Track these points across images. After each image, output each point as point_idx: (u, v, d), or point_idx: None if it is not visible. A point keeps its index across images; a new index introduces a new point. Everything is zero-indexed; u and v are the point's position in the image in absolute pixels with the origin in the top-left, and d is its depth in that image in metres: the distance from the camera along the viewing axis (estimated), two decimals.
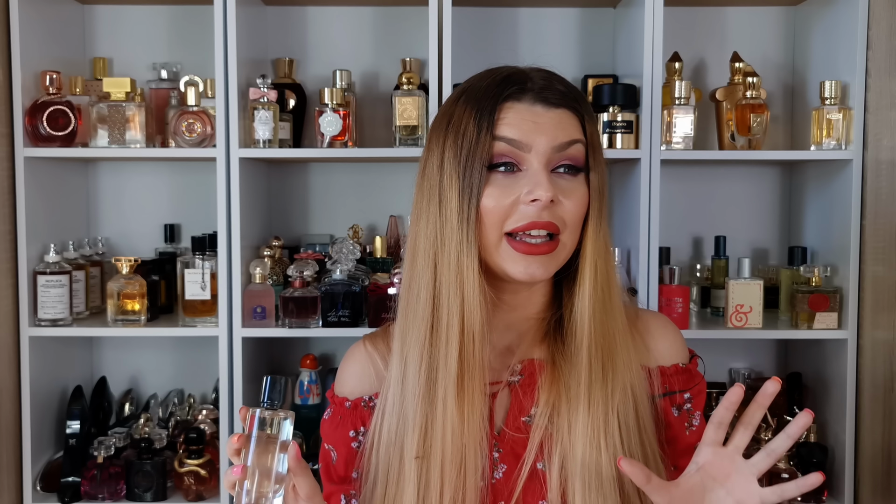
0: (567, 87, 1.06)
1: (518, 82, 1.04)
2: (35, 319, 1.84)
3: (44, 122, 1.81)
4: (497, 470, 1.04)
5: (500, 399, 1.06)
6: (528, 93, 1.03)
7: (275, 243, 1.98)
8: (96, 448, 1.83)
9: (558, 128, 1.01)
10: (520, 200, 0.99)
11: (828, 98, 1.84)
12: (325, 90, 1.85)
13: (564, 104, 1.03)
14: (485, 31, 2.12)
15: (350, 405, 1.12)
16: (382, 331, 1.17)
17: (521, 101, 1.02)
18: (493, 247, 1.00)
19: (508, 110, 1.02)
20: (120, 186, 2.14)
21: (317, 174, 2.15)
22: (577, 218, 1.01)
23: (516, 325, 1.09)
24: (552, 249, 1.00)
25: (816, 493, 1.86)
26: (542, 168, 0.99)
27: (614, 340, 1.04)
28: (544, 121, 1.01)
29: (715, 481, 0.95)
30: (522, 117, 1.01)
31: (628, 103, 1.85)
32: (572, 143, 1.02)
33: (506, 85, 1.03)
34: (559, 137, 1.01)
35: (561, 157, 1.01)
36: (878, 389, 1.81)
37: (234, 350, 1.83)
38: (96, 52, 2.11)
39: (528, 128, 1.00)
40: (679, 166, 2.09)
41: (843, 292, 1.85)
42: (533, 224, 0.98)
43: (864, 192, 1.82)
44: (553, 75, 1.07)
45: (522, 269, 0.99)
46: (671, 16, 1.90)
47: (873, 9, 1.79)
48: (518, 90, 1.03)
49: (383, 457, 1.05)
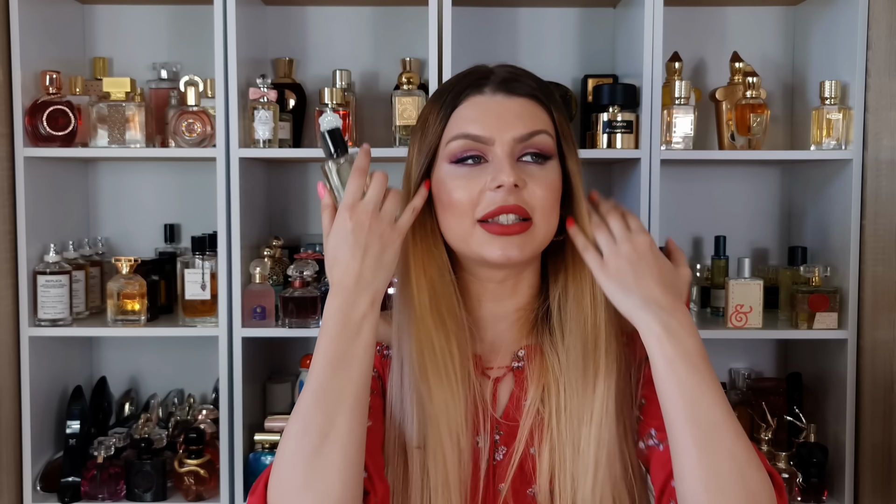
0: (533, 79, 1.08)
1: (480, 75, 1.07)
2: (35, 319, 1.84)
3: (44, 122, 1.81)
4: (498, 452, 1.06)
5: (503, 383, 1.08)
6: (490, 84, 1.06)
7: (275, 243, 1.98)
8: (96, 448, 1.83)
9: (520, 118, 1.04)
10: (486, 188, 1.01)
11: (828, 98, 1.84)
12: (325, 90, 1.85)
13: (527, 94, 1.05)
14: (485, 31, 2.12)
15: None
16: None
17: (482, 93, 1.05)
18: (468, 235, 1.03)
19: (471, 105, 1.05)
20: (120, 186, 2.14)
21: (317, 174, 2.15)
22: (547, 202, 1.03)
23: (506, 315, 1.10)
24: (525, 229, 1.01)
25: (816, 493, 1.86)
26: (505, 156, 1.02)
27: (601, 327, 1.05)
28: (506, 110, 1.04)
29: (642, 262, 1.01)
30: (485, 109, 1.04)
31: (628, 103, 1.85)
32: (536, 134, 1.04)
33: (468, 78, 1.07)
34: (520, 129, 1.03)
35: (525, 146, 1.03)
36: (878, 389, 1.80)
37: (234, 350, 1.83)
38: (96, 52, 2.11)
39: (490, 122, 1.03)
40: (679, 166, 2.09)
41: (843, 292, 1.85)
42: (501, 208, 1.00)
43: (864, 192, 1.82)
44: (519, 69, 1.10)
45: (499, 251, 1.01)
46: (671, 16, 1.90)
47: (873, 9, 1.79)
48: (480, 82, 1.06)
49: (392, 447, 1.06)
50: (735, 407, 2.03)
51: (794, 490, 1.84)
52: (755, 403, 1.97)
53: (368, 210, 0.98)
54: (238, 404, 1.84)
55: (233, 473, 1.84)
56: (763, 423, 1.90)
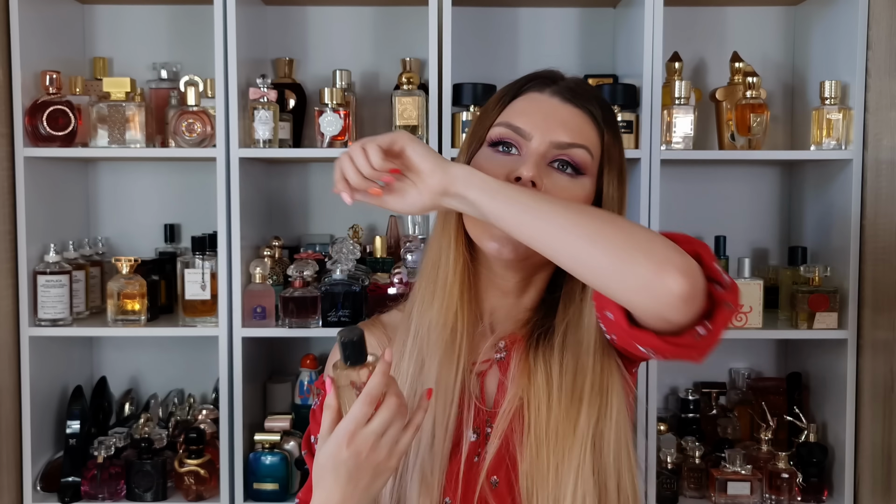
0: (598, 98, 1.08)
1: (547, 77, 1.09)
2: (35, 319, 1.84)
3: (44, 122, 1.81)
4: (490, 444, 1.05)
5: (489, 376, 1.09)
6: (552, 86, 1.07)
7: (275, 243, 1.98)
8: (96, 448, 1.83)
9: (566, 126, 1.04)
10: (507, 178, 1.01)
11: (828, 98, 1.84)
12: (325, 90, 1.85)
13: (582, 107, 1.05)
14: (485, 31, 2.12)
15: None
16: (376, 317, 1.20)
17: (542, 91, 1.07)
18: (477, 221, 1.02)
19: (527, 98, 1.07)
20: (120, 186, 2.14)
21: (317, 174, 2.15)
22: None
23: (507, 311, 1.11)
24: None
25: (816, 493, 1.86)
26: (535, 153, 1.02)
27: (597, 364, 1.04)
28: (556, 113, 1.04)
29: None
30: (537, 106, 1.05)
31: (628, 103, 1.85)
32: (575, 147, 1.03)
33: (534, 77, 1.09)
34: (563, 136, 1.03)
35: (560, 153, 1.03)
36: (878, 389, 1.80)
37: (234, 350, 1.83)
38: (96, 51, 2.11)
39: (536, 119, 1.04)
40: (679, 166, 2.09)
41: (843, 292, 1.85)
42: None
43: (864, 192, 1.82)
44: (589, 86, 1.10)
45: (493, 245, 1.02)
46: (671, 16, 1.90)
47: (873, 9, 1.79)
48: (545, 83, 1.08)
49: None
50: (735, 406, 2.04)
51: (794, 490, 1.84)
52: (755, 403, 1.98)
53: (369, 442, 0.91)
54: (238, 404, 1.84)
55: (233, 473, 1.84)
56: (763, 423, 1.90)
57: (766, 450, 1.88)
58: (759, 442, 1.90)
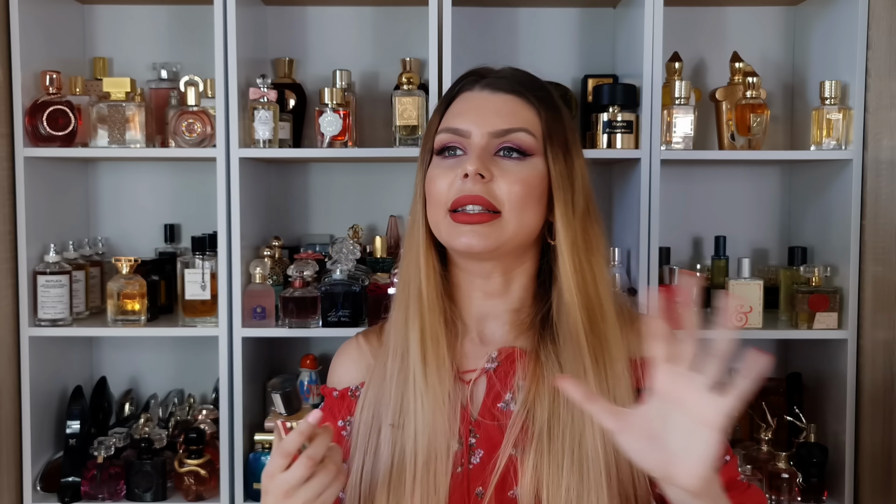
0: (530, 80, 1.11)
1: (475, 74, 1.12)
2: (35, 319, 1.84)
3: (44, 122, 1.81)
4: (474, 455, 1.05)
5: (477, 386, 1.08)
6: (482, 80, 1.10)
7: (275, 243, 1.98)
8: (96, 448, 1.83)
9: (499, 114, 1.06)
10: (456, 178, 1.05)
11: (828, 98, 1.84)
12: (325, 90, 1.85)
13: (513, 91, 1.08)
14: (485, 31, 2.12)
15: (338, 395, 1.15)
16: (378, 327, 1.20)
17: (472, 89, 1.10)
18: (441, 225, 1.06)
19: (461, 100, 1.10)
20: (120, 186, 2.14)
21: (317, 174, 2.15)
22: (517, 197, 1.04)
23: (498, 315, 1.11)
24: (488, 220, 1.03)
25: (816, 493, 1.86)
26: (476, 148, 1.05)
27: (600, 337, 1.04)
28: (487, 105, 1.07)
29: (670, 403, 0.82)
30: (470, 104, 1.09)
31: (628, 103, 1.85)
32: (513, 132, 1.06)
33: (464, 76, 1.12)
34: (498, 124, 1.06)
35: (502, 141, 1.06)
36: (878, 389, 1.81)
37: (234, 350, 1.83)
38: (96, 52, 2.11)
39: (471, 115, 1.07)
40: (679, 166, 2.09)
41: (843, 292, 1.85)
42: (464, 198, 1.03)
43: (864, 192, 1.82)
44: (521, 71, 1.13)
45: (463, 240, 1.04)
46: (671, 16, 1.90)
47: (873, 9, 1.79)
48: (473, 80, 1.11)
49: (363, 430, 1.08)
50: None
51: (794, 490, 1.84)
52: (755, 403, 1.97)
53: (283, 489, 0.94)
54: (238, 404, 1.84)
55: (233, 473, 1.84)
56: (763, 423, 1.90)
57: (766, 450, 1.88)
58: (759, 442, 1.90)
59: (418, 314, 1.07)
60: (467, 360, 1.09)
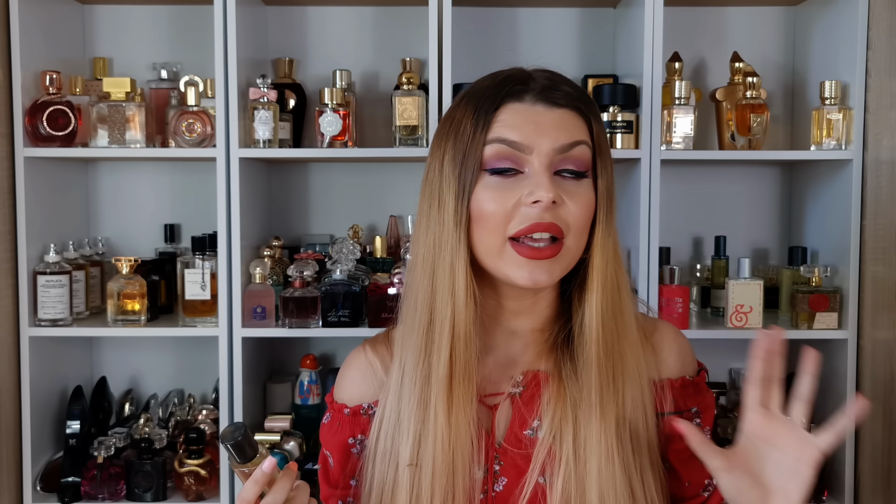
0: (572, 87, 1.03)
1: (519, 82, 1.02)
2: (35, 319, 1.84)
3: (44, 122, 1.81)
4: (497, 483, 1.02)
5: (501, 410, 1.04)
6: (530, 92, 1.00)
7: (275, 243, 1.98)
8: (96, 448, 1.83)
9: (560, 128, 0.98)
10: (521, 202, 0.96)
11: (828, 98, 1.84)
12: (325, 90, 1.85)
13: (568, 104, 1.00)
14: (485, 31, 2.12)
15: (349, 412, 1.10)
16: (384, 335, 1.15)
17: (522, 101, 1.00)
18: (497, 252, 0.98)
19: (509, 111, 0.99)
20: (120, 186, 2.14)
21: (317, 174, 2.15)
22: (581, 222, 0.99)
23: (521, 335, 1.07)
24: (555, 253, 0.97)
25: (816, 493, 1.86)
26: (543, 169, 0.96)
27: (625, 353, 1.01)
28: (546, 121, 0.98)
29: (767, 443, 0.93)
30: (524, 118, 0.99)
31: (628, 103, 1.85)
32: (576, 145, 0.99)
33: (506, 84, 1.01)
34: (562, 139, 0.98)
35: (564, 158, 0.98)
36: (878, 389, 1.81)
37: (234, 350, 1.83)
38: (96, 52, 2.11)
39: (529, 129, 0.98)
40: (679, 166, 2.09)
41: (843, 292, 1.85)
42: (535, 226, 0.95)
43: (864, 192, 1.82)
44: (557, 75, 1.05)
45: (527, 275, 0.97)
46: (671, 16, 1.90)
47: (873, 9, 1.79)
48: (519, 90, 1.01)
49: (379, 465, 1.04)
50: (736, 407, 2.04)
51: None
52: None
53: None
54: (238, 404, 1.84)
55: (233, 473, 1.84)
56: None
57: None
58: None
59: (448, 346, 0.99)
60: (489, 384, 1.05)
